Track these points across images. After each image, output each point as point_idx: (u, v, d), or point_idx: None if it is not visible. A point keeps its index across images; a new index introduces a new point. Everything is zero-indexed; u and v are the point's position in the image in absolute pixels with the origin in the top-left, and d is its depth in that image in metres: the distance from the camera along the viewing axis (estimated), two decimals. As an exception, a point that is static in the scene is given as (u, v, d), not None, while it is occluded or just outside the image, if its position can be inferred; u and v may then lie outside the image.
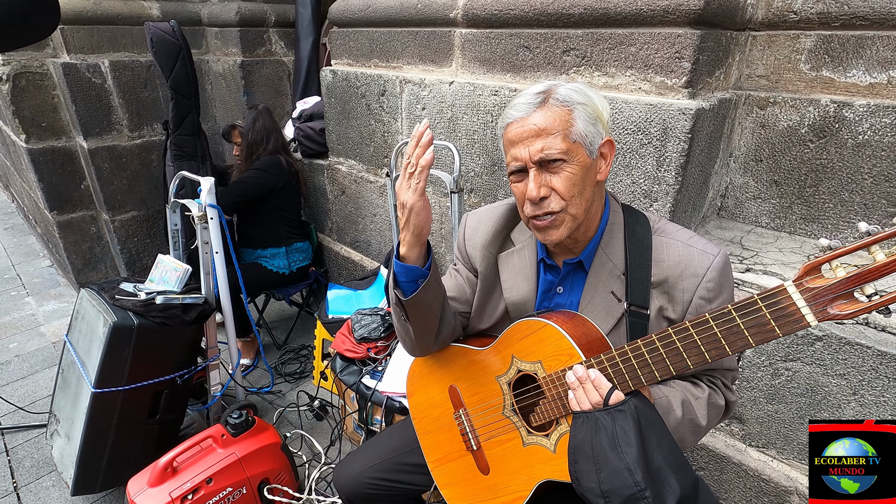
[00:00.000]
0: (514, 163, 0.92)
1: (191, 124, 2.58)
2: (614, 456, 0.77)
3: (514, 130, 0.91)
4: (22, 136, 2.89)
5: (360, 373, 1.88)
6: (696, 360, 0.79)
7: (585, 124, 0.89)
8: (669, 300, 0.94)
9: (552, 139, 0.87)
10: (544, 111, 0.89)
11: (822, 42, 1.47)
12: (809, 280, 0.69)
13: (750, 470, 1.47)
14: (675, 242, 0.95)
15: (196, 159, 2.66)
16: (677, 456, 0.79)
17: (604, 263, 0.99)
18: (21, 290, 3.59)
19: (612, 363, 0.86)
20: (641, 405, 0.82)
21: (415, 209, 0.89)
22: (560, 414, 0.94)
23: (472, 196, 2.04)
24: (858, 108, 1.42)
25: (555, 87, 0.91)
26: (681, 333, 0.79)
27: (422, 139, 0.86)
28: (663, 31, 1.37)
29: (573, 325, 0.93)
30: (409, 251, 0.94)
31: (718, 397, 0.99)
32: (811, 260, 0.69)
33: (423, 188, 0.88)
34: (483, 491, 1.10)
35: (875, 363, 1.20)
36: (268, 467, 1.75)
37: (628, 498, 0.75)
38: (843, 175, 1.49)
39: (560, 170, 0.89)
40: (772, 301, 0.71)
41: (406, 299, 0.97)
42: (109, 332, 1.64)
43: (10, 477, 2.02)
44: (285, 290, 2.79)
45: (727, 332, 0.75)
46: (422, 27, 2.07)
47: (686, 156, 1.39)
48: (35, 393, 2.50)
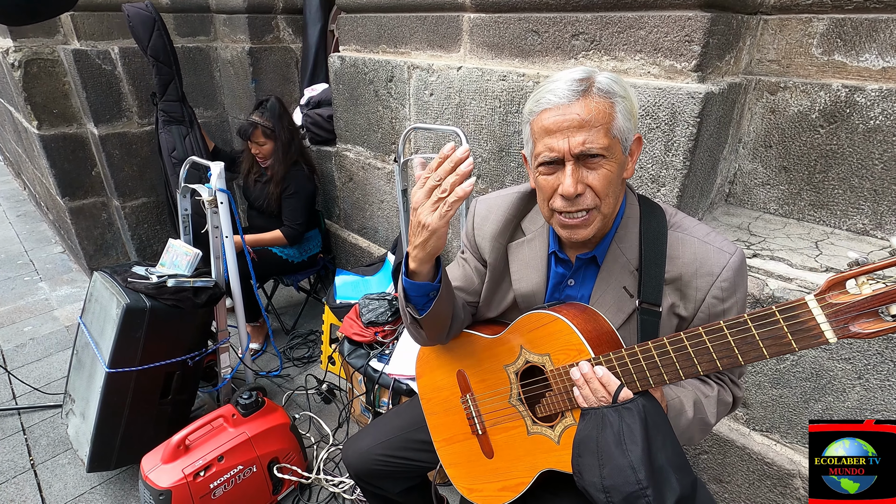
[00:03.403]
0: (547, 153, 0.86)
1: (175, 91, 2.72)
2: (619, 453, 0.77)
3: (551, 118, 0.84)
4: (34, 122, 2.92)
5: (368, 356, 1.90)
6: (707, 367, 0.77)
7: (624, 119, 0.85)
8: (682, 297, 0.92)
9: (595, 133, 0.82)
10: (587, 101, 0.83)
11: (834, 26, 1.45)
12: (833, 295, 0.65)
13: (753, 453, 1.49)
14: (691, 239, 0.92)
15: (185, 124, 2.78)
16: (679, 456, 0.80)
17: (617, 258, 0.96)
18: (34, 275, 3.65)
19: (620, 362, 0.85)
20: (649, 405, 0.81)
21: (437, 233, 0.81)
22: (566, 407, 0.94)
23: (480, 182, 2.04)
24: (870, 93, 1.40)
25: (595, 76, 0.85)
26: (693, 339, 0.77)
27: (461, 167, 0.76)
28: (673, 14, 1.36)
29: (584, 319, 0.92)
30: (420, 267, 0.88)
31: (727, 394, 0.98)
32: (836, 274, 0.65)
33: (451, 216, 0.79)
34: (486, 473, 1.12)
35: (881, 347, 1.21)
36: (277, 447, 1.78)
37: (630, 495, 0.75)
38: (853, 161, 1.48)
39: (599, 166, 0.85)
40: (790, 314, 0.68)
41: (421, 317, 0.94)
42: (123, 314, 1.67)
43: (27, 455, 2.07)
44: (294, 277, 2.82)
45: (741, 341, 0.73)
46: (430, 12, 2.06)
47: (694, 140, 1.39)
48: (50, 375, 2.56)
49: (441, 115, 2.10)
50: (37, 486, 1.93)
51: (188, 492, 1.56)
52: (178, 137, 2.77)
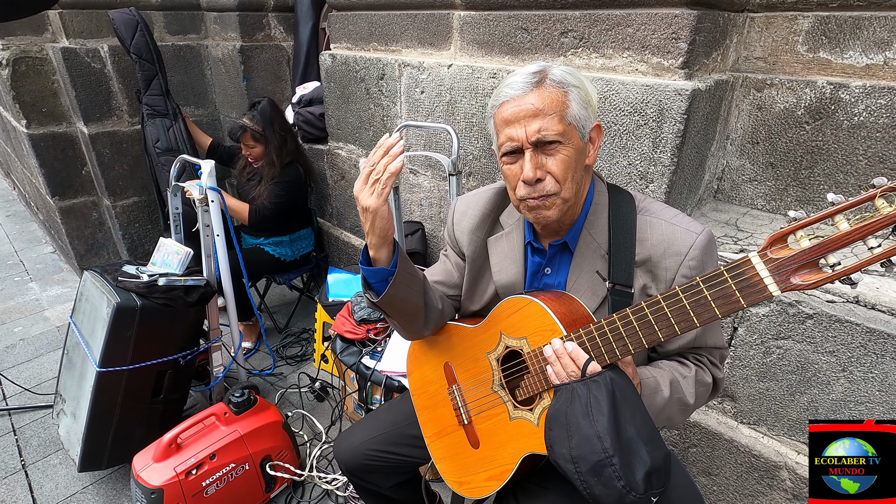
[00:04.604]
0: (508, 143, 0.91)
1: (158, 85, 2.80)
2: (586, 423, 0.79)
3: (509, 109, 0.90)
4: (23, 121, 2.90)
5: (360, 353, 1.90)
6: (667, 333, 0.80)
7: (579, 107, 0.89)
8: (653, 278, 0.95)
9: (549, 120, 0.87)
10: (541, 91, 0.88)
11: (819, 23, 1.47)
12: (774, 250, 0.69)
13: (741, 446, 1.51)
14: (658, 221, 0.96)
15: (168, 117, 2.83)
16: (650, 430, 0.81)
17: (588, 244, 1.00)
18: (24, 275, 3.62)
19: (589, 337, 0.87)
20: (617, 378, 0.83)
21: (379, 213, 0.90)
22: (543, 388, 0.96)
23: (471, 179, 2.05)
24: (854, 90, 1.42)
25: (549, 69, 0.91)
26: (653, 307, 0.81)
27: (393, 149, 0.87)
28: (660, 12, 1.37)
29: (559, 303, 0.95)
30: (377, 253, 0.96)
31: (706, 375, 1.00)
32: (777, 231, 0.69)
33: (388, 193, 0.89)
34: (473, 464, 1.14)
35: (864, 340, 1.23)
36: (270, 445, 1.79)
37: (596, 464, 0.77)
38: (838, 157, 1.50)
39: (556, 152, 0.89)
40: (737, 272, 0.72)
41: (377, 300, 0.99)
42: (113, 313, 1.67)
43: (17, 455, 2.06)
44: (286, 275, 2.81)
45: (695, 303, 0.76)
46: (420, 10, 2.06)
47: (682, 137, 1.40)
48: (40, 375, 2.54)
49: (432, 113, 2.11)
50: (28, 486, 1.92)
51: (180, 490, 1.56)
52: (161, 129, 2.80)
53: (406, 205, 2.45)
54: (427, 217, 2.38)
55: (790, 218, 0.69)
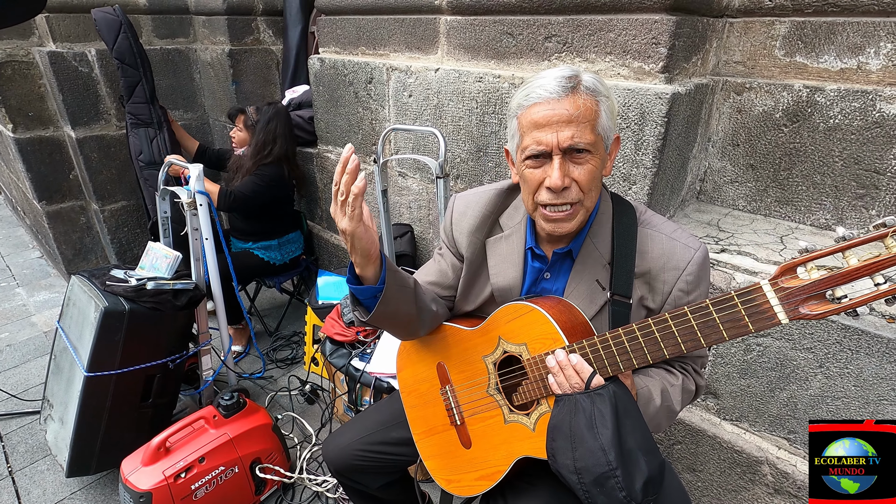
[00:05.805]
0: (535, 146, 0.89)
1: (142, 93, 2.69)
2: (590, 436, 0.81)
3: (541, 112, 0.87)
4: (9, 125, 2.88)
5: (350, 355, 1.91)
6: (673, 351, 0.82)
7: (607, 118, 0.90)
8: (650, 290, 0.97)
9: (583, 129, 0.86)
10: (576, 98, 0.86)
11: (795, 28, 1.51)
12: (785, 280, 0.72)
13: (724, 442, 1.53)
14: (659, 235, 0.97)
15: (153, 126, 2.75)
16: (648, 440, 0.84)
17: (591, 252, 1.01)
18: (11, 280, 3.59)
19: (592, 349, 0.89)
20: (620, 391, 0.85)
21: (356, 235, 0.85)
22: (541, 395, 0.97)
23: (459, 182, 2.07)
24: (830, 93, 1.46)
25: (581, 74, 0.89)
26: (660, 325, 0.82)
27: (348, 165, 0.80)
28: (640, 17, 1.40)
29: (559, 310, 0.96)
30: (363, 271, 0.92)
31: (690, 383, 1.04)
32: (788, 261, 0.71)
33: (360, 214, 0.83)
34: (464, 464, 1.15)
35: (839, 336, 1.26)
36: (259, 447, 1.79)
37: (600, 476, 0.79)
38: (815, 158, 1.53)
39: (585, 161, 0.89)
40: (747, 297, 0.74)
41: (366, 319, 0.97)
42: (101, 317, 1.67)
43: (4, 462, 2.05)
44: (276, 279, 2.81)
45: (703, 325, 0.78)
46: (408, 14, 2.08)
47: (663, 139, 1.43)
48: (27, 381, 2.52)
49: (420, 116, 2.13)
50: (15, 493, 1.90)
51: (169, 494, 1.56)
52: (144, 140, 2.74)
53: (395, 207, 2.46)
54: (416, 219, 2.39)
55: (802, 249, 0.70)
